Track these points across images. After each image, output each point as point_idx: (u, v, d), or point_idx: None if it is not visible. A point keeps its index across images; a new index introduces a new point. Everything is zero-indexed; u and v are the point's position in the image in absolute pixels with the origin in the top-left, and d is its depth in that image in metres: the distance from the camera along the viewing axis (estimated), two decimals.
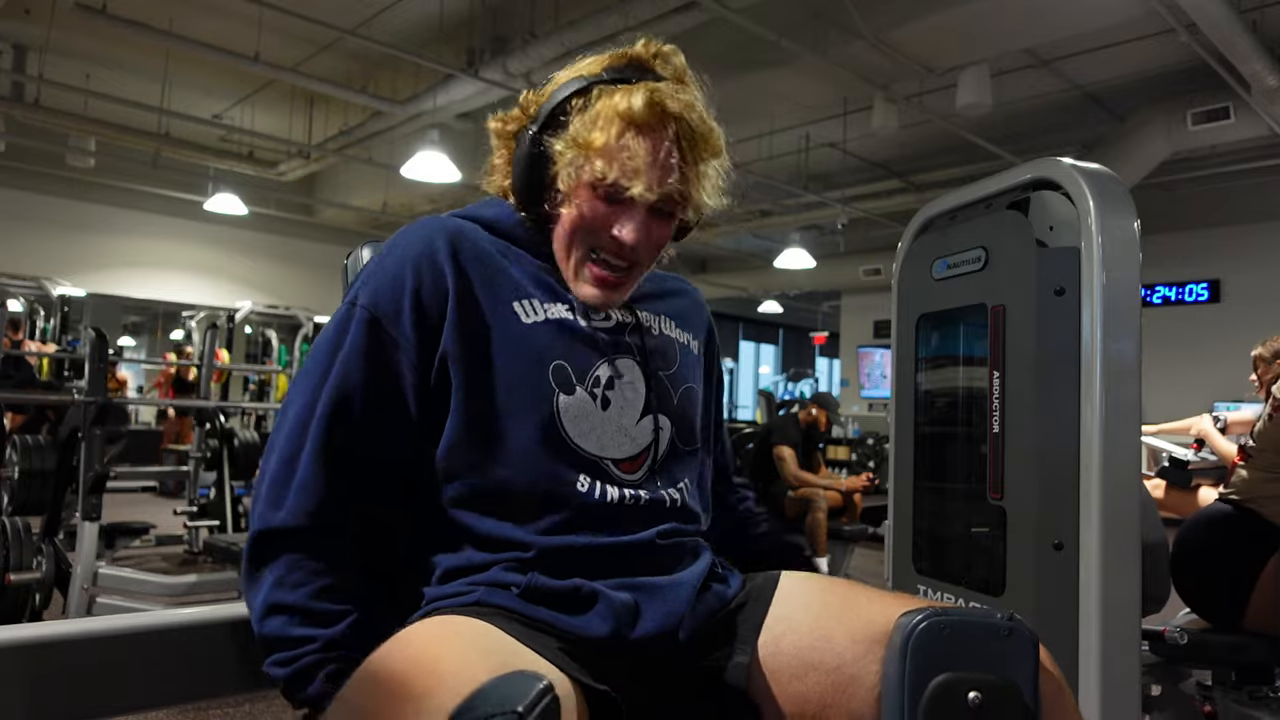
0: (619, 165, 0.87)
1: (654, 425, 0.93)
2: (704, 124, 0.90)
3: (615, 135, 0.87)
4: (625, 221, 0.89)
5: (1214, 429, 2.82)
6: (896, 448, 1.63)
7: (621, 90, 0.89)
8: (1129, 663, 1.16)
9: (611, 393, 0.91)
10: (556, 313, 0.92)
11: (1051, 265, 1.23)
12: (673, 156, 0.89)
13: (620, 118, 0.87)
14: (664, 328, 1.02)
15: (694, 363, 1.04)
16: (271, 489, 0.84)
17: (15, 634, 0.89)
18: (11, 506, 3.24)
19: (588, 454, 0.88)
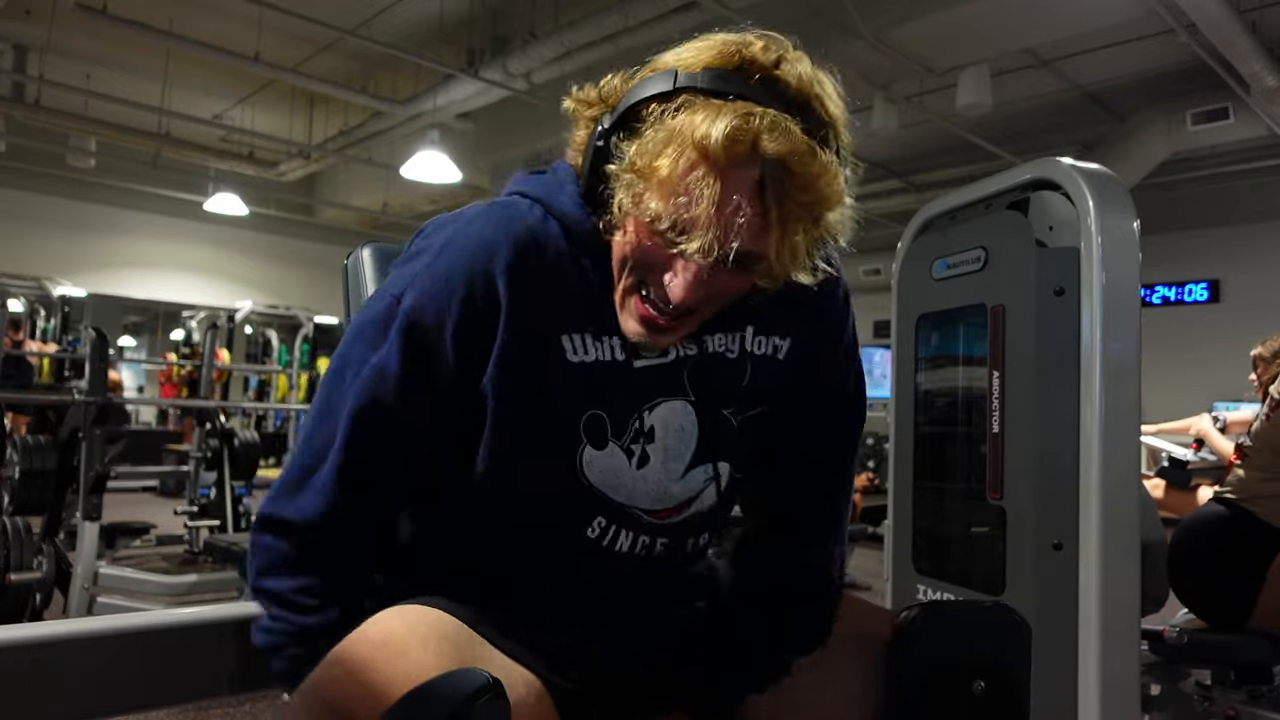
0: (676, 211, 0.70)
1: (707, 474, 0.85)
2: (811, 171, 0.69)
3: (683, 170, 0.69)
4: (678, 274, 0.73)
5: (1213, 429, 2.82)
6: (896, 448, 1.63)
7: (710, 107, 0.70)
8: (1128, 662, 1.16)
9: (653, 446, 0.82)
10: (606, 352, 0.81)
11: (1051, 265, 1.23)
12: (752, 209, 0.69)
13: (694, 147, 0.68)
14: (745, 344, 0.86)
15: (774, 374, 0.89)
16: (284, 487, 0.81)
17: (16, 634, 0.89)
18: (12, 506, 3.24)
19: (614, 501, 0.82)
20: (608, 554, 0.82)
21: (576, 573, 0.84)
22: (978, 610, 0.83)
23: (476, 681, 0.57)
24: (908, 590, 1.53)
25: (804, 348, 0.90)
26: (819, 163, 0.69)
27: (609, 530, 0.82)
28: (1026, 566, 1.23)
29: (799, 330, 0.89)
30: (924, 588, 1.50)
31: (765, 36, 0.76)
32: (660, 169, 0.70)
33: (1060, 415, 1.20)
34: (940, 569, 1.50)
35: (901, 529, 1.58)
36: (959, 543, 1.49)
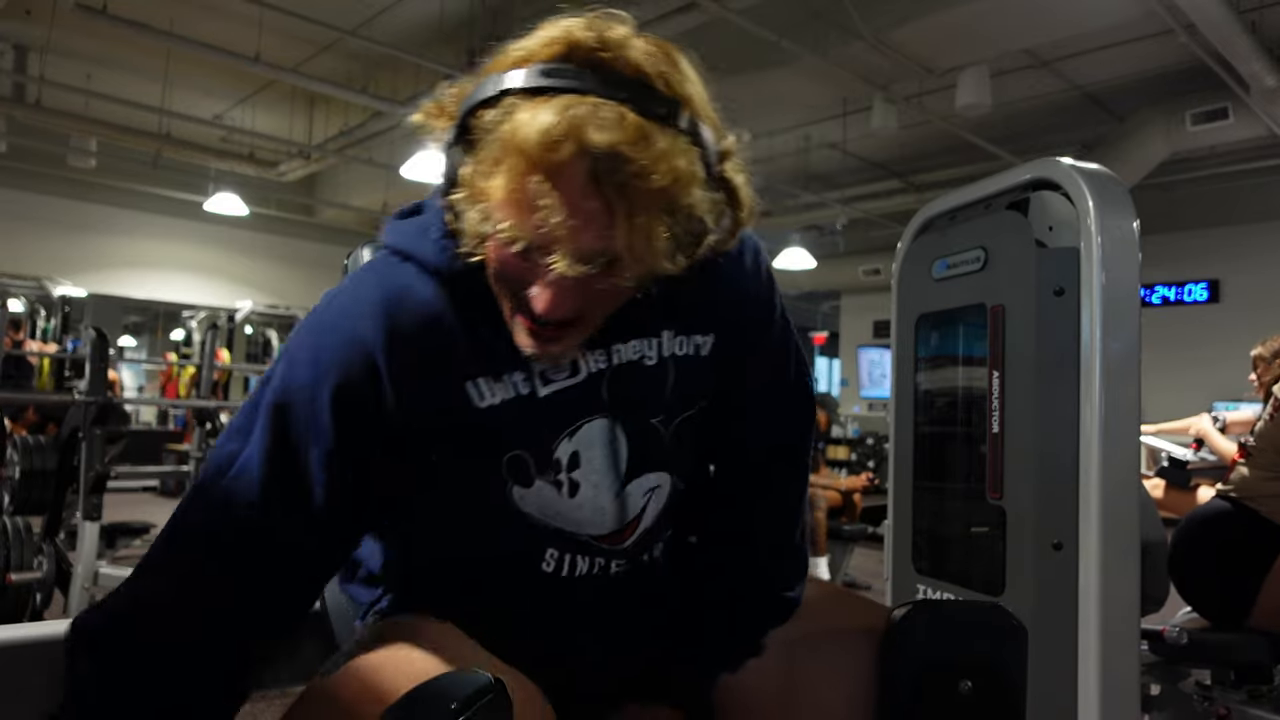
0: (522, 226, 0.64)
1: (645, 488, 0.82)
2: (651, 155, 0.63)
3: (515, 182, 0.63)
4: (541, 287, 0.68)
5: (1213, 429, 2.82)
6: (896, 448, 1.63)
7: (532, 107, 0.63)
8: (1128, 662, 1.16)
9: (579, 472, 0.79)
10: (510, 390, 0.76)
11: (1051, 265, 1.24)
12: (591, 207, 0.63)
13: (519, 155, 0.62)
14: (663, 349, 0.82)
15: (700, 372, 0.85)
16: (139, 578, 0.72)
17: (16, 634, 0.89)
18: (12, 506, 3.24)
19: (560, 529, 0.80)
20: (569, 582, 0.82)
21: (543, 603, 0.83)
22: (972, 610, 0.83)
23: (479, 681, 0.58)
24: (908, 590, 1.54)
25: (730, 341, 0.85)
26: (658, 147, 0.63)
27: (564, 559, 0.81)
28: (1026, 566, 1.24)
29: (722, 323, 0.84)
30: (924, 587, 1.50)
31: (597, 16, 0.69)
32: (494, 188, 0.64)
33: (1060, 415, 1.20)
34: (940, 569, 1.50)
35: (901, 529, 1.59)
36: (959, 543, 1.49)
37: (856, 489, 4.73)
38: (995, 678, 0.79)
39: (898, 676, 0.80)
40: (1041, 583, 1.22)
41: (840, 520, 4.59)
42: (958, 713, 0.77)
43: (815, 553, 4.38)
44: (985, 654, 0.79)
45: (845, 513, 4.67)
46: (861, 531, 4.59)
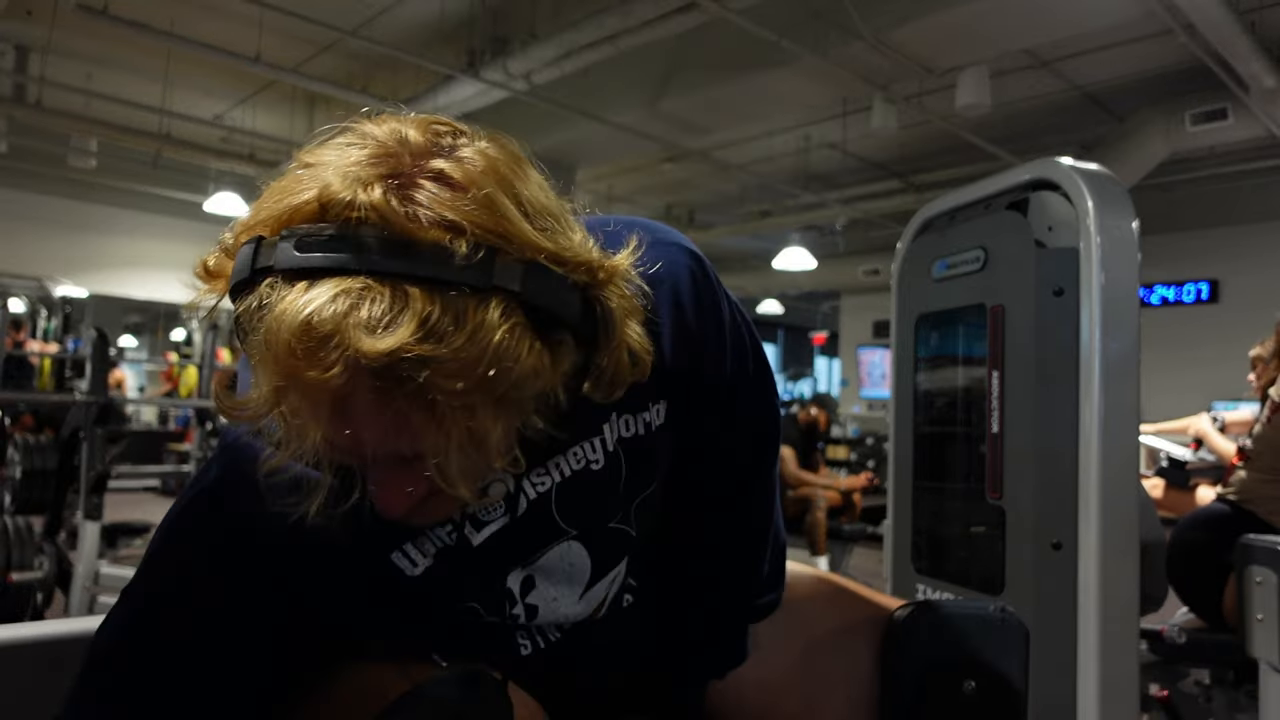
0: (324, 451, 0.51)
1: (608, 582, 0.78)
2: (447, 349, 0.48)
3: (284, 401, 0.50)
4: (376, 487, 0.57)
5: (1212, 429, 2.82)
6: (896, 448, 1.64)
7: (286, 299, 0.49)
8: (1127, 662, 1.16)
9: (534, 593, 0.72)
10: (436, 542, 0.68)
11: (1050, 265, 1.24)
12: (394, 423, 0.50)
13: (276, 372, 0.49)
14: (607, 444, 0.72)
15: (656, 445, 0.76)
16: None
17: (17, 633, 0.89)
18: (13, 506, 3.24)
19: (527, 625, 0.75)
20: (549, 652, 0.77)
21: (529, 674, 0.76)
22: (975, 610, 0.83)
23: (480, 676, 0.58)
24: (907, 590, 1.54)
25: (685, 398, 0.75)
26: (464, 331, 0.48)
27: (538, 640, 0.76)
28: (1026, 566, 1.24)
29: (673, 383, 0.73)
30: (924, 587, 1.51)
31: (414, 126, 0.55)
32: (264, 403, 0.50)
33: (1059, 415, 1.20)
34: (940, 569, 1.50)
35: (901, 529, 1.59)
36: (959, 543, 1.50)
37: (856, 489, 4.73)
38: (998, 678, 0.79)
39: (901, 677, 0.80)
40: (1041, 582, 1.22)
41: (840, 520, 4.59)
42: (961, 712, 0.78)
43: (815, 552, 4.38)
44: (988, 654, 0.80)
45: (845, 513, 4.68)
46: (861, 531, 4.59)
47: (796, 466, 4.61)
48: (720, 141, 7.49)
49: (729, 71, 5.85)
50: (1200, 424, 2.84)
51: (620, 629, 0.81)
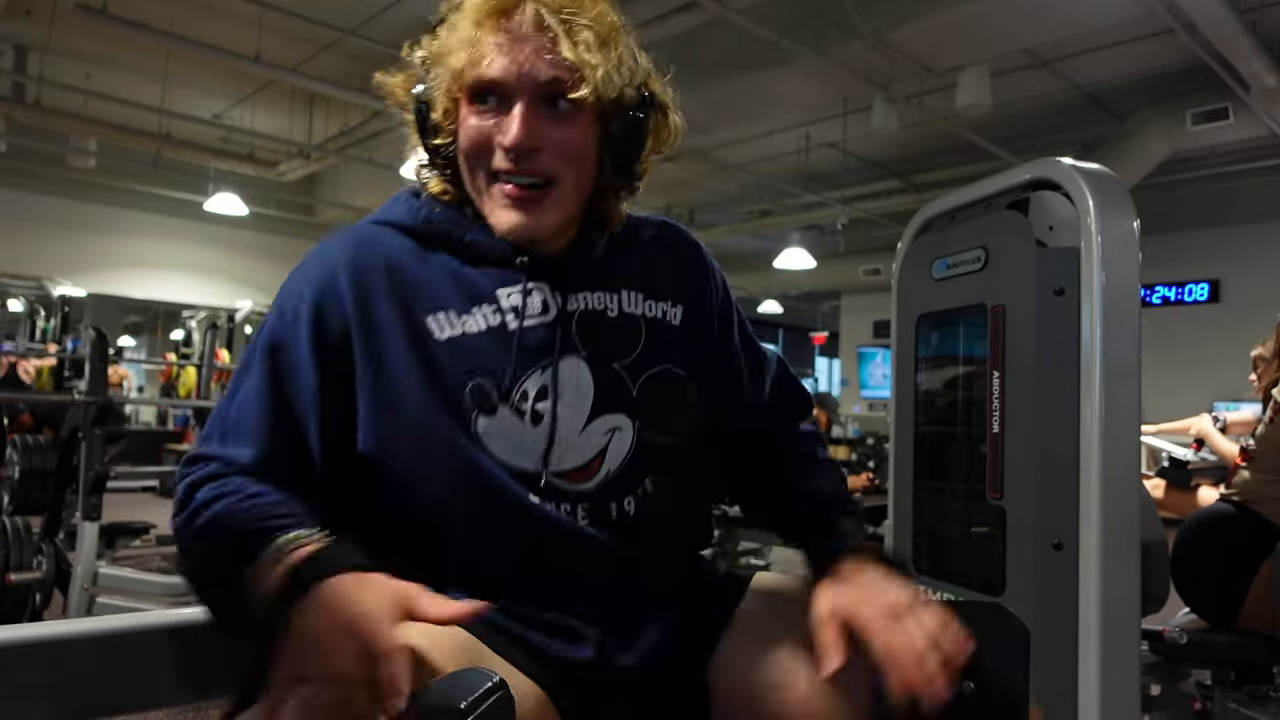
0: (484, 61, 0.77)
1: (606, 427, 0.84)
2: (578, 4, 0.79)
3: (471, 30, 0.77)
4: (505, 125, 0.78)
5: (1214, 429, 2.82)
6: (896, 448, 1.63)
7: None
8: (1129, 663, 1.16)
9: (544, 404, 0.82)
10: (478, 322, 0.83)
11: (1051, 265, 1.23)
12: (539, 38, 0.77)
13: (474, 11, 0.78)
14: (624, 305, 0.89)
15: (672, 338, 0.91)
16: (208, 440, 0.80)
17: (15, 634, 0.89)
18: (12, 506, 3.24)
19: (521, 469, 0.81)
20: (540, 525, 0.80)
21: (518, 546, 0.81)
22: (974, 610, 0.82)
23: (485, 680, 0.58)
24: None
25: (699, 316, 0.94)
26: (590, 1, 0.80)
27: (527, 501, 0.81)
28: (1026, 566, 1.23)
29: (689, 298, 0.94)
30: (923, 587, 1.50)
31: None
32: (451, 46, 0.78)
33: (1060, 415, 1.20)
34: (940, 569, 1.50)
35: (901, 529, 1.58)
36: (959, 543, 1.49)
37: (857, 489, 4.73)
38: (997, 679, 0.78)
39: None
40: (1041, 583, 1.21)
41: None
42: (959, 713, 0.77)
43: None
44: (987, 654, 0.79)
45: None
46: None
47: None
48: (720, 141, 7.49)
49: (729, 71, 5.85)
50: (1202, 424, 2.84)
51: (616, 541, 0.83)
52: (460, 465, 0.80)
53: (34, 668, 0.88)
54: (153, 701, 1.00)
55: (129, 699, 0.96)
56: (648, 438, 0.86)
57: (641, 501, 0.86)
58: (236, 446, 0.78)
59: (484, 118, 0.79)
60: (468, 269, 0.84)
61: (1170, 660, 2.03)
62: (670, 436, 0.89)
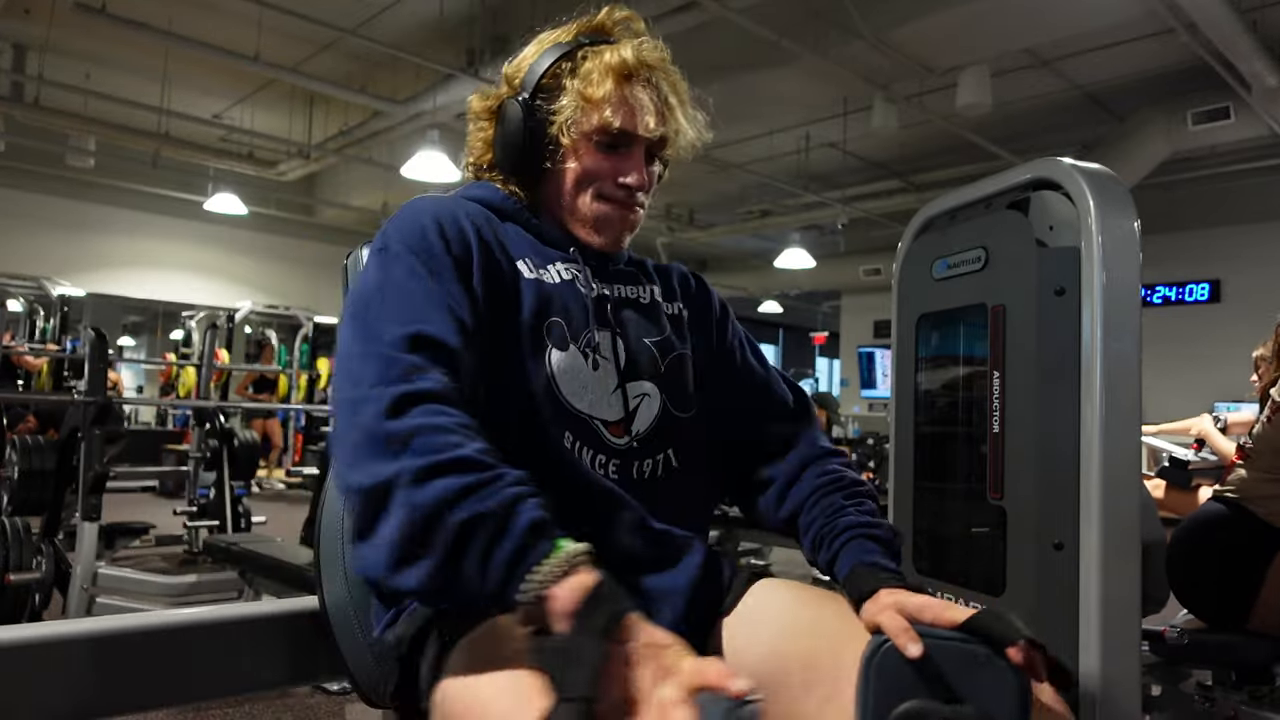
0: (623, 113, 0.95)
1: (636, 392, 0.96)
2: (677, 74, 1.01)
3: (613, 87, 0.94)
4: (628, 167, 0.97)
5: (1214, 429, 2.82)
6: (896, 448, 1.63)
7: (608, 49, 0.96)
8: (1129, 663, 1.15)
9: (600, 356, 0.94)
10: (552, 274, 0.96)
11: (1051, 265, 1.23)
12: (658, 101, 0.98)
13: (614, 71, 0.94)
14: (655, 296, 1.05)
15: (685, 332, 1.06)
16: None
17: (15, 634, 0.89)
18: (11, 506, 3.24)
19: (578, 411, 0.90)
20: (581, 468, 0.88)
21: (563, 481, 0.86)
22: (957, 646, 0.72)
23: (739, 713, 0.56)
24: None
25: (699, 319, 1.09)
26: (674, 66, 1.00)
27: (576, 446, 0.89)
28: (1027, 566, 1.23)
29: (689, 301, 1.10)
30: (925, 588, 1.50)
31: (605, 9, 1.01)
32: (595, 93, 0.94)
33: (1060, 415, 1.19)
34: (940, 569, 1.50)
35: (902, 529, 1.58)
36: (959, 543, 1.49)
37: None
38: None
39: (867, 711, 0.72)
40: (1042, 583, 1.21)
41: None
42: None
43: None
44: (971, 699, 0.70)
45: None
46: None
47: None
48: (720, 141, 7.46)
49: (729, 71, 5.85)
50: (1202, 425, 2.84)
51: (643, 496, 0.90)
52: (536, 391, 0.89)
53: (34, 668, 0.88)
54: (153, 701, 1.00)
55: (129, 699, 0.96)
56: (676, 409, 0.98)
57: (663, 469, 0.94)
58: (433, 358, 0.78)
59: (606, 153, 0.97)
60: (538, 241, 0.99)
61: (1171, 660, 2.03)
62: (690, 414, 1.00)
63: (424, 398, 0.74)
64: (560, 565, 0.66)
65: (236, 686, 1.04)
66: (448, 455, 0.70)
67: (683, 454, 0.97)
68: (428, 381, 0.75)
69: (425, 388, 0.75)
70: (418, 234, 0.89)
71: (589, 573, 0.66)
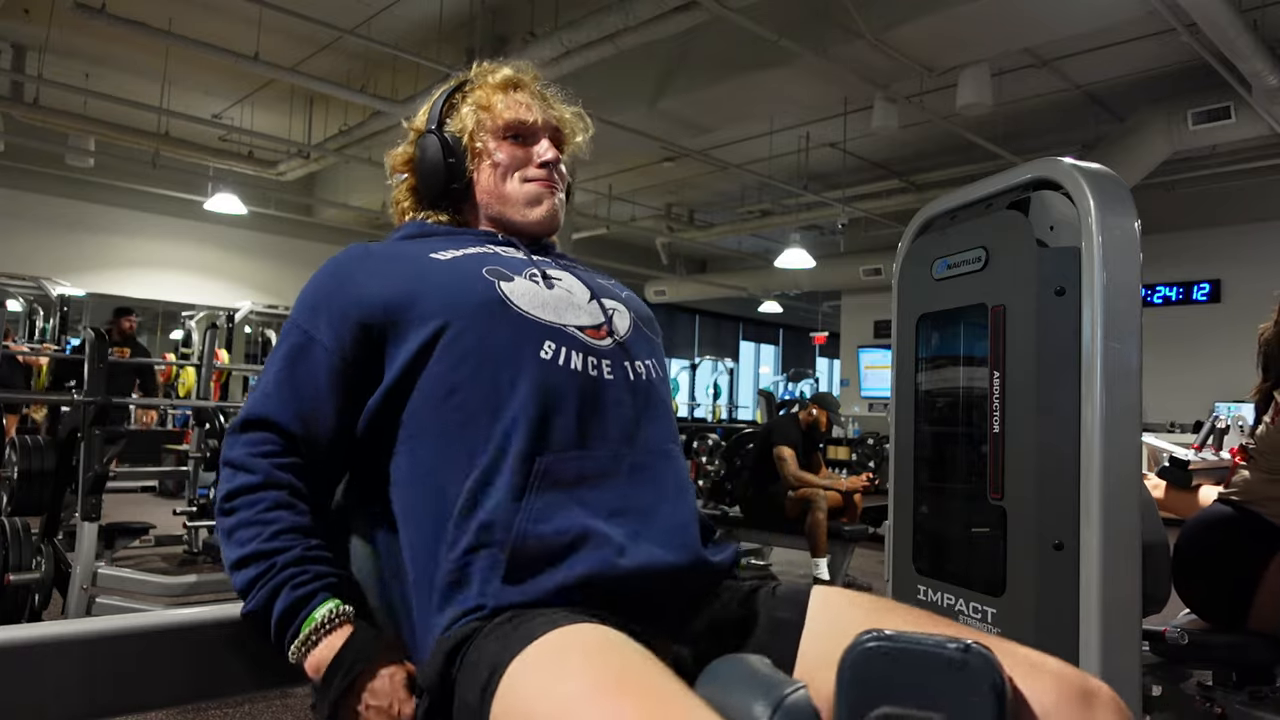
0: (518, 108, 1.10)
1: (607, 306, 1.03)
2: (538, 84, 1.15)
3: (504, 95, 1.11)
4: (540, 149, 1.10)
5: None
6: (896, 448, 1.63)
7: (489, 71, 1.13)
8: (1129, 663, 1.15)
9: (553, 281, 1.01)
10: (476, 250, 1.03)
11: (1052, 265, 1.23)
12: (542, 104, 1.13)
13: (499, 86, 1.11)
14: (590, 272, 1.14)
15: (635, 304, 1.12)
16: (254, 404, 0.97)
17: (15, 634, 0.89)
18: (11, 507, 3.23)
19: (547, 322, 0.95)
20: (569, 371, 0.93)
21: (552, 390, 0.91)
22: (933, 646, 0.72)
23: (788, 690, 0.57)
24: (908, 591, 1.53)
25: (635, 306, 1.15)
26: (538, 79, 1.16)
27: (559, 350, 0.93)
28: (1027, 567, 1.23)
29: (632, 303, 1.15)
30: (924, 588, 1.50)
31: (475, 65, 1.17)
32: (494, 102, 1.09)
33: (1061, 415, 1.19)
34: (941, 569, 1.50)
35: (902, 529, 1.58)
36: (959, 543, 1.49)
37: (857, 489, 4.72)
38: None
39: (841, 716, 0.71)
40: (1042, 583, 1.21)
41: (841, 521, 4.58)
42: None
43: (816, 554, 4.38)
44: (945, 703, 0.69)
45: (846, 513, 4.67)
46: (862, 532, 4.58)
47: (797, 467, 4.60)
48: (720, 141, 7.49)
49: (729, 71, 5.85)
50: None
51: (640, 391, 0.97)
52: (493, 320, 0.93)
53: (34, 668, 0.88)
54: (153, 701, 1.00)
55: (129, 699, 0.95)
56: (645, 328, 1.06)
57: (652, 371, 1.01)
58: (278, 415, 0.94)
59: (517, 145, 1.09)
60: (462, 239, 1.06)
61: (1171, 661, 2.03)
62: (658, 337, 1.09)
63: (243, 491, 0.93)
64: (312, 635, 0.86)
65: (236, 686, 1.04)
66: (246, 550, 0.91)
67: (657, 369, 1.03)
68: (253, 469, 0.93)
69: (243, 483, 0.93)
70: (305, 309, 0.98)
71: (337, 636, 0.86)
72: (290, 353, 0.96)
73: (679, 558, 0.89)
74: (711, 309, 14.91)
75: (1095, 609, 1.14)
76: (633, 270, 11.45)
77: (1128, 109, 6.70)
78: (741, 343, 16.58)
